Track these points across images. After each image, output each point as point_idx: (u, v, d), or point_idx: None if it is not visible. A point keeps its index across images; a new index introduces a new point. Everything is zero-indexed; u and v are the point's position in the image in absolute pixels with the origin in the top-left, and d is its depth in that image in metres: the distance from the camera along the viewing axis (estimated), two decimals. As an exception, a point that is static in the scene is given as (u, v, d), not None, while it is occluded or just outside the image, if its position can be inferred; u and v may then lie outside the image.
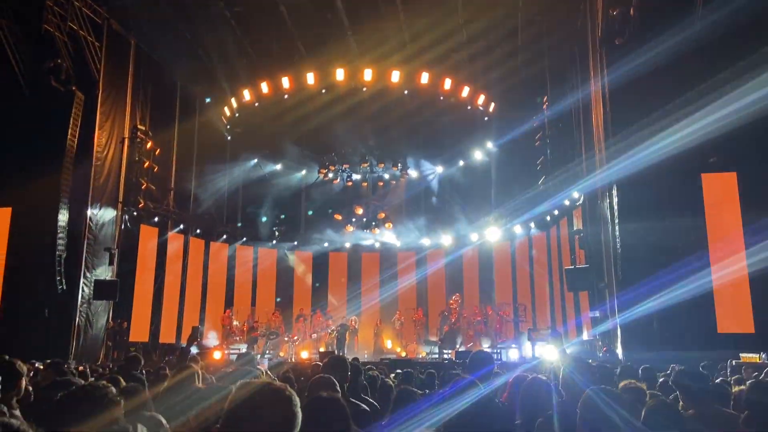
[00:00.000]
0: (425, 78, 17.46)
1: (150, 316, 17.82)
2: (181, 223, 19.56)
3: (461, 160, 21.79)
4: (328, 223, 22.59)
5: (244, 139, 22.25)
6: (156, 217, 18.25)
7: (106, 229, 16.12)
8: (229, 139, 21.92)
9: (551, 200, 17.60)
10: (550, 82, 18.26)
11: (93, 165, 15.58)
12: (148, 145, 17.69)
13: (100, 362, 14.38)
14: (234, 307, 20.69)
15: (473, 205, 21.27)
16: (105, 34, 16.18)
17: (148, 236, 17.95)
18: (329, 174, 21.81)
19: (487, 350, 15.73)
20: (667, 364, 8.12)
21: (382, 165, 21.47)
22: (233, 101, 19.06)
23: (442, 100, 18.70)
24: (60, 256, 14.50)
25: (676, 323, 11.66)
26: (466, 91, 18.04)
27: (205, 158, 20.55)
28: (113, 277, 15.94)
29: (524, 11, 16.47)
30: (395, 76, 17.37)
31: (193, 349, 15.78)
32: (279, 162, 22.98)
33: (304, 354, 17.99)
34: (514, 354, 16.41)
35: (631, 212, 12.76)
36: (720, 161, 12.51)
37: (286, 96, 18.24)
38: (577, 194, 15.86)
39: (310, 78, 17.42)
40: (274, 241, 22.82)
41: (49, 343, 13.87)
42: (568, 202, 16.71)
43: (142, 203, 17.18)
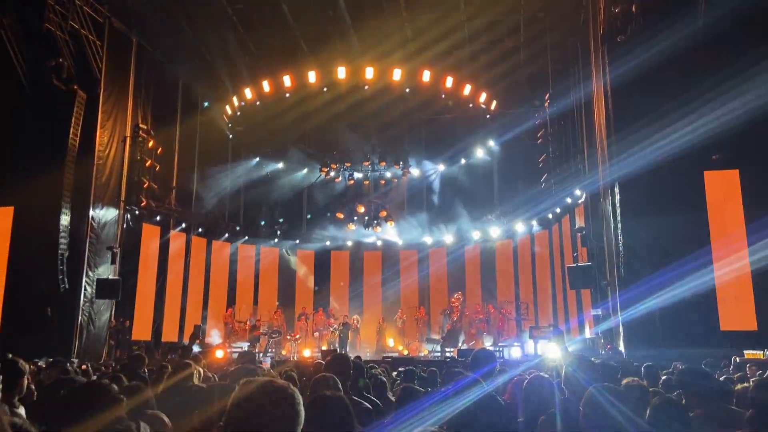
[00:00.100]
0: (427, 76, 17.43)
1: (152, 314, 17.84)
2: (183, 222, 19.57)
3: (463, 158, 21.76)
4: (330, 222, 22.59)
5: (245, 138, 22.26)
6: (158, 215, 18.26)
7: (108, 228, 16.13)
8: (230, 138, 21.94)
9: (553, 198, 17.59)
10: (552, 80, 18.22)
11: (95, 164, 15.58)
12: (150, 143, 17.69)
13: (102, 361, 14.40)
14: (236, 306, 20.72)
15: (475, 203, 21.24)
16: (106, 32, 16.18)
17: (150, 235, 17.97)
18: (331, 172, 21.80)
19: (489, 348, 15.72)
20: (669, 361, 8.12)
21: (383, 163, 21.45)
22: (235, 100, 19.06)
23: (443, 98, 18.69)
24: (62, 255, 14.52)
25: (678, 321, 11.64)
26: (467, 89, 18.01)
27: (207, 157, 20.56)
28: (115, 276, 15.96)
29: (526, 8, 16.46)
30: (397, 74, 17.35)
31: (196, 348, 15.79)
32: (281, 160, 22.97)
33: (307, 352, 18.00)
34: (516, 352, 16.39)
35: (633, 210, 12.74)
36: (722, 159, 12.46)
37: (287, 94, 18.24)
38: (579, 192, 15.84)
39: (312, 76, 17.40)
40: (275, 240, 22.83)
41: (51, 341, 13.89)
42: (570, 200, 16.68)
43: (144, 202, 17.19)
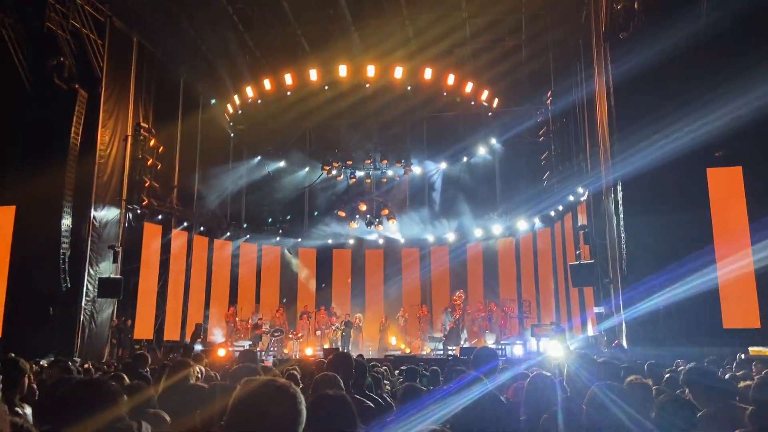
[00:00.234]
0: (428, 74, 17.39)
1: (154, 313, 17.85)
2: (184, 221, 19.57)
3: (465, 156, 21.73)
4: (332, 220, 22.59)
5: (247, 136, 22.27)
6: (159, 214, 18.26)
7: (109, 227, 16.14)
8: (232, 136, 21.94)
9: (556, 196, 17.56)
10: (555, 77, 18.19)
11: (96, 163, 15.58)
12: (152, 142, 17.68)
13: (104, 360, 14.42)
14: (238, 305, 20.73)
15: (477, 201, 21.22)
16: (107, 31, 16.16)
17: (151, 234, 17.97)
18: (333, 171, 21.79)
19: (492, 346, 15.71)
20: (672, 359, 8.09)
21: (385, 161, 21.43)
22: (236, 98, 19.04)
23: (445, 96, 18.65)
24: (64, 254, 14.53)
25: (681, 319, 11.61)
26: (469, 87, 17.95)
27: (209, 155, 20.55)
28: (117, 274, 15.96)
29: (528, 6, 16.43)
30: (398, 72, 17.30)
31: (198, 347, 15.80)
32: (282, 159, 22.97)
33: (309, 351, 18.01)
34: (518, 350, 16.38)
35: (636, 208, 12.71)
36: (726, 155, 12.42)
37: (289, 93, 18.23)
38: (581, 189, 15.81)
39: (313, 74, 17.38)
40: (277, 238, 22.84)
41: (53, 340, 13.91)
42: (572, 197, 16.65)
43: (146, 201, 17.18)
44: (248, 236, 22.15)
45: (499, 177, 21.69)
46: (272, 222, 23.03)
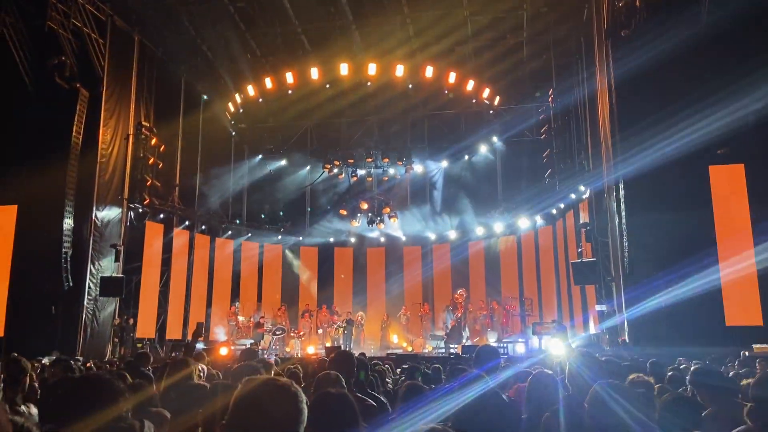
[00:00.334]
0: (430, 72, 17.37)
1: (156, 312, 17.88)
2: (186, 220, 19.59)
3: (466, 154, 21.72)
4: (333, 218, 22.60)
5: (248, 135, 22.30)
6: (161, 213, 18.27)
7: (111, 226, 16.15)
8: (233, 135, 21.95)
9: (557, 194, 17.54)
10: (556, 75, 18.16)
11: (98, 162, 15.58)
12: (153, 141, 17.68)
13: (106, 359, 14.45)
14: (240, 303, 20.75)
15: (479, 199, 21.21)
16: (109, 30, 16.16)
17: (153, 232, 17.98)
18: (334, 169, 21.79)
19: (494, 344, 15.71)
20: (674, 357, 8.08)
21: (386, 160, 21.42)
22: (237, 97, 19.05)
23: (446, 94, 18.64)
24: (66, 253, 14.54)
25: (683, 316, 11.58)
26: (470, 85, 17.93)
27: (210, 154, 20.56)
28: (119, 273, 15.99)
29: (530, 4, 16.38)
30: (399, 70, 17.29)
31: (200, 345, 15.81)
32: (283, 157, 22.98)
33: (311, 349, 18.02)
34: (520, 348, 16.38)
35: (637, 205, 12.69)
36: (728, 153, 12.39)
37: (290, 91, 18.24)
38: (583, 187, 15.78)
39: (314, 73, 17.38)
40: (279, 236, 22.85)
41: (56, 339, 13.93)
42: (574, 195, 16.63)
43: (148, 200, 17.19)
44: (249, 234, 22.16)
45: (501, 175, 21.67)
46: (273, 220, 23.03)
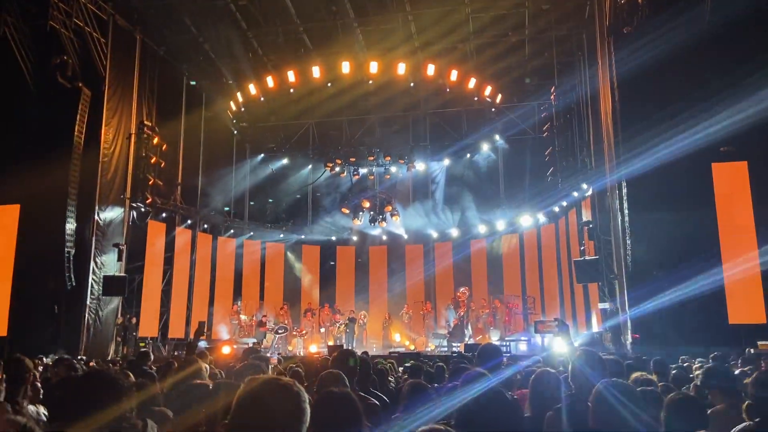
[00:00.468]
0: (431, 70, 17.36)
1: (159, 311, 17.90)
2: (188, 219, 19.61)
3: (468, 152, 21.70)
4: (336, 217, 22.60)
5: (250, 134, 22.31)
6: (163, 212, 18.30)
7: (114, 226, 16.16)
8: (235, 134, 21.95)
9: (560, 191, 17.51)
10: (558, 73, 18.13)
11: (100, 161, 15.59)
12: (155, 140, 17.68)
13: (109, 358, 14.48)
14: (242, 302, 20.77)
15: (481, 197, 21.20)
16: (110, 30, 16.16)
17: (156, 232, 17.99)
18: (336, 168, 21.79)
19: (496, 343, 15.70)
20: (677, 355, 8.08)
21: (388, 158, 21.41)
22: (239, 96, 19.05)
23: (448, 92, 18.62)
24: (69, 252, 14.56)
25: (686, 315, 11.56)
26: (472, 83, 17.91)
27: (212, 153, 20.58)
28: (122, 273, 16.00)
29: (532, 1, 16.35)
30: (401, 69, 17.28)
31: (202, 344, 15.82)
32: (285, 156, 22.98)
33: (313, 348, 18.03)
34: (523, 346, 16.37)
35: (640, 203, 12.67)
36: (731, 150, 12.35)
37: (292, 90, 18.25)
38: (585, 185, 15.76)
39: (316, 71, 17.38)
40: (281, 234, 22.86)
41: (59, 339, 13.97)
42: (576, 193, 16.60)
43: (150, 199, 17.20)
44: (252, 233, 22.18)
45: (503, 172, 21.65)
46: (275, 219, 23.04)
